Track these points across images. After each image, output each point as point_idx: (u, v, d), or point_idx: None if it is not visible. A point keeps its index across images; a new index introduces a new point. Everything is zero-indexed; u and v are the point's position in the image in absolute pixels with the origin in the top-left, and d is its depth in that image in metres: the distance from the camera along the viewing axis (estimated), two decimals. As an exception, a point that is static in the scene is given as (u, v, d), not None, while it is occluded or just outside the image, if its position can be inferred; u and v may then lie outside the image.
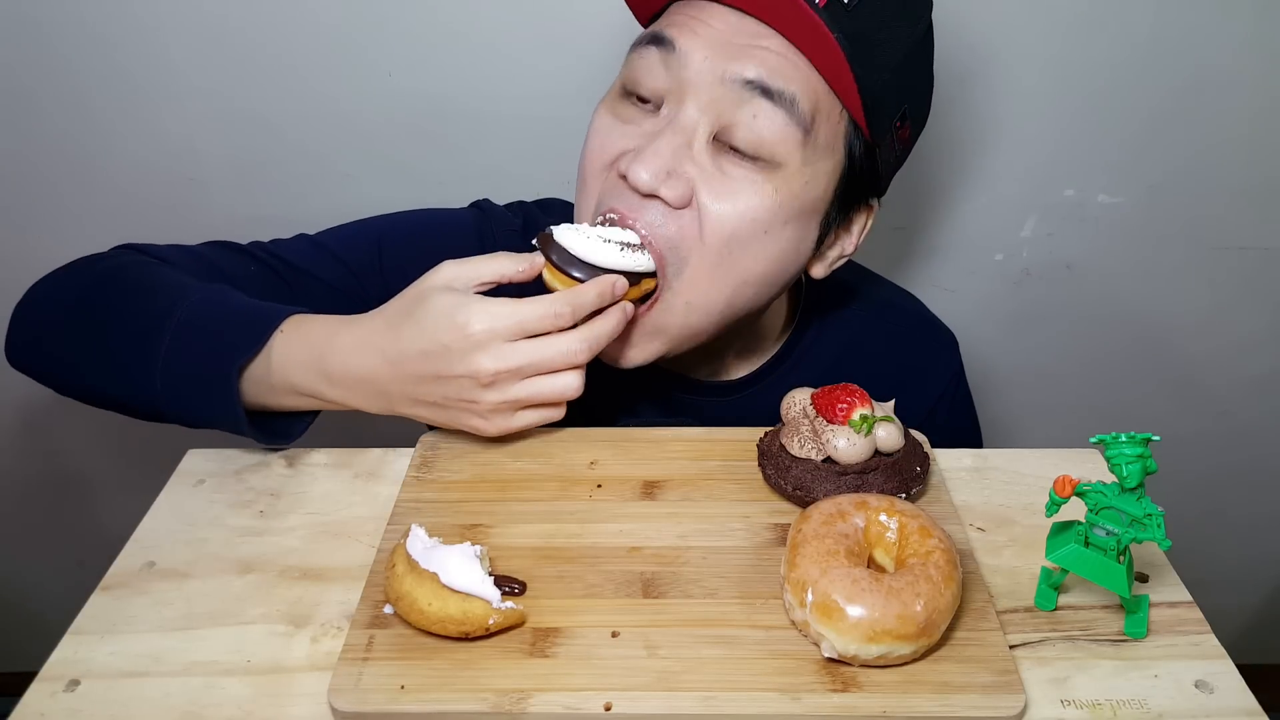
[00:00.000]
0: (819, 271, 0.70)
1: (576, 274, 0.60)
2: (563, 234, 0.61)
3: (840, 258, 0.71)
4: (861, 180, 0.66)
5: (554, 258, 0.61)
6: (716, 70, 0.59)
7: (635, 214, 0.62)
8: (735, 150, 0.61)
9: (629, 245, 0.62)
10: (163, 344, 0.60)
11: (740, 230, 0.62)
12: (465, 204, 0.84)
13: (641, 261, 0.62)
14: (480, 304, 0.57)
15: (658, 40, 0.61)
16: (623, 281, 0.61)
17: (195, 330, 0.60)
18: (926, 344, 0.83)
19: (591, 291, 0.59)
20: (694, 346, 0.68)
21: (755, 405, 0.77)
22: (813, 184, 0.63)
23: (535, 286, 0.61)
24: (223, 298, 0.63)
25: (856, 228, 0.70)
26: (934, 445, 0.66)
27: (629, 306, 0.62)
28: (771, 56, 0.59)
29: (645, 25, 0.67)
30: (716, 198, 0.61)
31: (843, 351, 0.80)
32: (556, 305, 0.58)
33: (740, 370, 0.78)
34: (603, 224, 0.63)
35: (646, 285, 0.64)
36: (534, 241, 0.62)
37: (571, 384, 0.59)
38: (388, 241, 0.77)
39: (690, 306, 0.64)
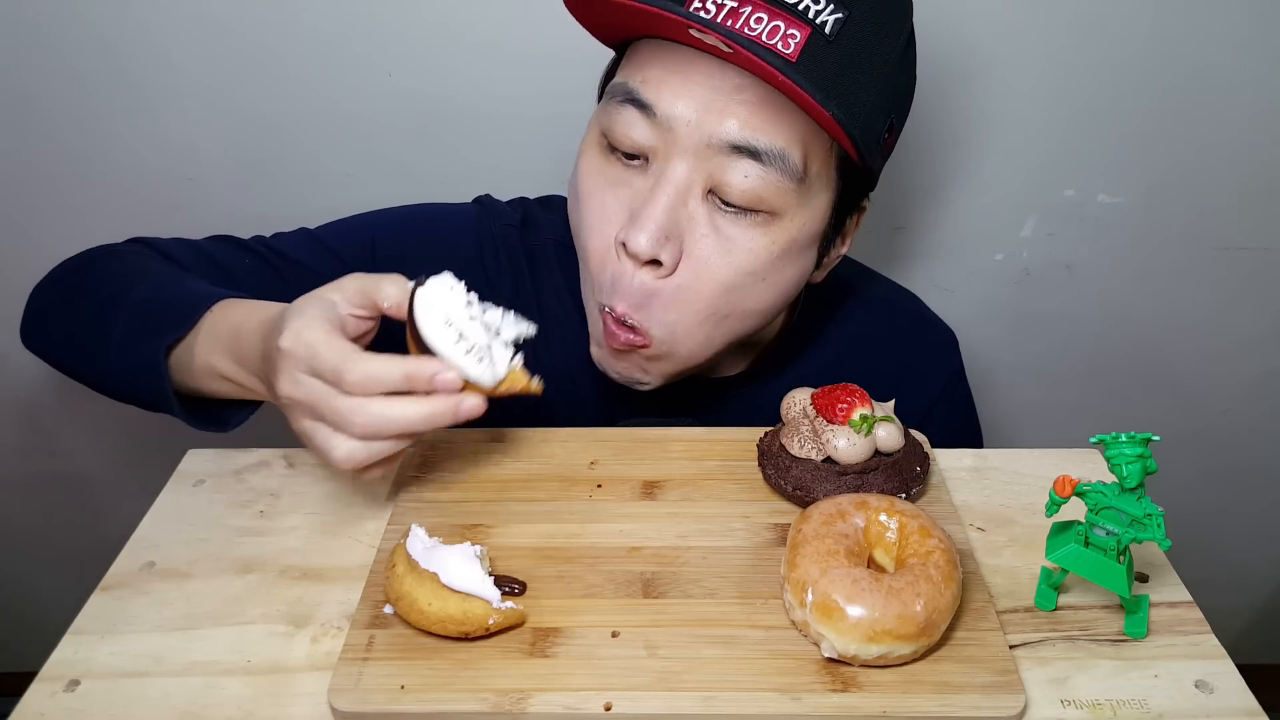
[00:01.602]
0: (818, 278, 0.70)
1: (421, 341, 0.53)
2: (430, 294, 0.53)
3: (836, 258, 0.71)
4: (854, 194, 0.66)
5: (412, 313, 0.53)
6: (702, 134, 0.57)
7: (622, 305, 0.61)
8: (730, 204, 0.59)
9: (486, 348, 0.54)
10: (117, 325, 0.61)
11: (737, 282, 0.61)
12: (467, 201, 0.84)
13: (485, 375, 0.53)
14: (314, 324, 0.52)
15: (636, 103, 0.58)
16: (448, 377, 0.52)
17: (142, 313, 0.62)
18: (926, 342, 0.83)
19: (396, 372, 0.51)
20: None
21: (754, 401, 0.78)
22: (810, 220, 0.62)
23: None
24: (177, 284, 0.63)
25: (851, 230, 0.70)
26: (934, 444, 0.66)
27: (466, 404, 0.53)
28: (755, 113, 0.57)
29: (609, 44, 0.65)
30: (711, 258, 0.60)
31: (842, 348, 0.80)
32: (355, 364, 0.51)
33: (737, 366, 0.78)
34: (505, 309, 0.56)
35: (517, 383, 0.56)
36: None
37: (338, 450, 0.52)
38: (381, 234, 0.77)
39: (691, 354, 0.65)
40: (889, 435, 0.59)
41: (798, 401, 0.63)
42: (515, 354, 0.56)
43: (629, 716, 0.47)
